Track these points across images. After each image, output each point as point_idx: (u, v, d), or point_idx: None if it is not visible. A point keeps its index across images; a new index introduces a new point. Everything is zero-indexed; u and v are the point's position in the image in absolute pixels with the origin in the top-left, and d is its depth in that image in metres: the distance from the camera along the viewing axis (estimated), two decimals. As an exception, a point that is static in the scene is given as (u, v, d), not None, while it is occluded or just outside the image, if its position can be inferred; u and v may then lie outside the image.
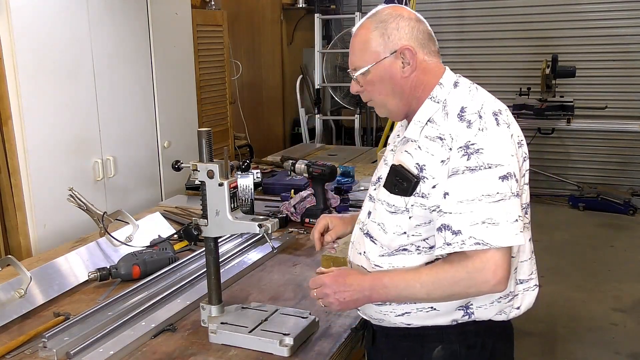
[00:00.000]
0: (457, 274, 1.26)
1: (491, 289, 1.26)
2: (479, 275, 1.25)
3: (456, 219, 1.25)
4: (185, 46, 3.65)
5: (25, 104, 2.57)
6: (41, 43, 2.63)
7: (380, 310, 1.41)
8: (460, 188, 1.25)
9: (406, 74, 1.37)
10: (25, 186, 2.61)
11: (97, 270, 1.91)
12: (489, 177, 1.24)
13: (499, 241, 1.23)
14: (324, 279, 1.40)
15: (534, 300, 1.43)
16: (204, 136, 1.52)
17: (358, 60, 1.41)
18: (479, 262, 1.24)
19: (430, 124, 1.34)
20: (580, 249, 4.90)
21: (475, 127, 1.27)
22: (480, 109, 1.30)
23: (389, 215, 1.36)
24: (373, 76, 1.39)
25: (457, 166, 1.26)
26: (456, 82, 1.39)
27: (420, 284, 1.30)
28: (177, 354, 1.50)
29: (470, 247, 1.23)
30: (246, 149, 4.87)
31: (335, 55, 6.21)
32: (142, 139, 3.29)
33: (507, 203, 1.24)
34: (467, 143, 1.26)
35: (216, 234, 1.57)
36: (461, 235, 1.24)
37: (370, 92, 1.42)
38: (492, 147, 1.26)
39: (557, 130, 5.78)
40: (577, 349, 3.39)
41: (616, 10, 5.97)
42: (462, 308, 1.35)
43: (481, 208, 1.24)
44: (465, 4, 6.42)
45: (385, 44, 1.37)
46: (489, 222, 1.23)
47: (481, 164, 1.24)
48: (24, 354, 1.51)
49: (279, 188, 2.92)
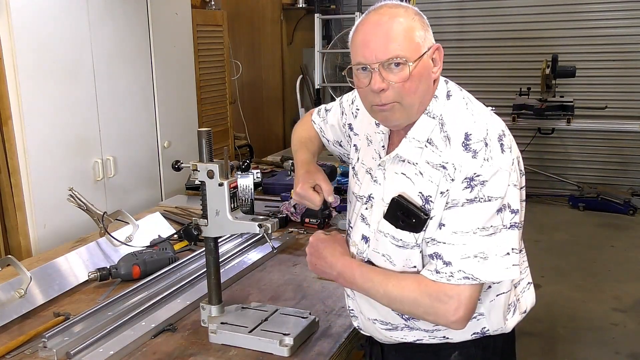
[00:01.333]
0: (419, 298, 1.23)
1: (448, 324, 1.23)
2: (441, 307, 1.21)
3: (448, 250, 1.20)
4: (185, 46, 3.64)
5: (25, 104, 2.57)
6: (41, 43, 2.63)
7: (390, 336, 1.38)
8: (456, 219, 1.20)
9: (436, 75, 1.26)
10: (25, 186, 2.61)
11: (97, 270, 1.91)
12: (485, 210, 1.18)
13: (487, 276, 1.20)
14: (313, 237, 1.43)
15: (534, 298, 1.44)
16: (204, 136, 1.51)
17: (402, 49, 1.19)
18: (444, 294, 1.20)
19: (430, 147, 1.25)
20: (580, 249, 4.90)
21: (481, 157, 1.19)
22: (485, 135, 1.22)
23: (395, 249, 1.29)
24: (417, 71, 1.20)
25: (457, 198, 1.20)
26: (448, 93, 1.30)
27: (384, 291, 1.27)
28: (177, 354, 1.50)
29: (458, 281, 1.19)
30: (246, 149, 4.87)
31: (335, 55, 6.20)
32: (142, 139, 3.29)
33: (498, 236, 1.20)
34: (473, 175, 1.19)
35: (216, 234, 1.56)
36: (451, 267, 1.20)
37: (406, 89, 1.21)
38: (495, 179, 1.19)
39: (557, 130, 5.79)
40: (577, 349, 3.39)
41: (616, 10, 5.97)
42: (477, 334, 1.33)
43: (473, 241, 1.19)
44: (465, 4, 6.42)
45: (425, 38, 1.22)
46: (480, 257, 1.19)
47: (481, 196, 1.18)
48: (24, 354, 1.51)
49: (279, 188, 2.92)
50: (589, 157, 6.34)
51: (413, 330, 1.35)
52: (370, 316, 1.40)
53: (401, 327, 1.36)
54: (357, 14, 5.82)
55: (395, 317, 1.35)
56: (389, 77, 1.21)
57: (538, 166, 6.14)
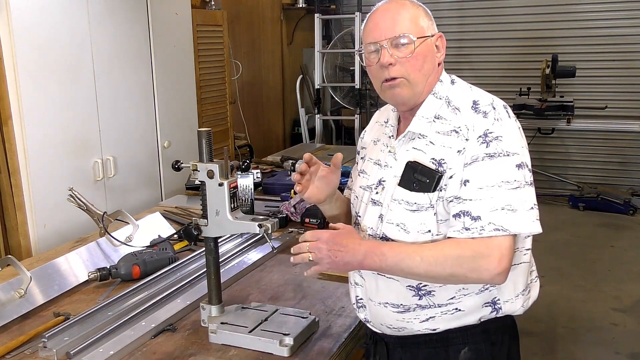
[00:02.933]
0: (463, 255, 1.24)
1: (492, 278, 1.25)
2: (484, 261, 1.23)
3: (476, 205, 1.25)
4: (185, 46, 3.64)
5: (25, 104, 2.57)
6: (41, 43, 2.63)
7: (403, 318, 1.38)
8: (480, 175, 1.26)
9: (440, 59, 1.39)
10: (25, 186, 2.61)
11: (97, 270, 1.91)
12: (506, 164, 1.26)
13: (517, 228, 1.24)
14: (323, 234, 1.33)
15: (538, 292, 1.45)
16: (204, 136, 1.51)
17: (407, 28, 1.34)
18: (486, 247, 1.23)
19: (439, 120, 1.35)
20: (580, 249, 4.90)
21: (491, 117, 1.30)
22: (492, 101, 1.34)
23: (410, 215, 1.33)
24: (421, 49, 1.34)
25: (476, 154, 1.26)
26: (453, 80, 1.42)
27: (421, 257, 1.26)
28: (177, 354, 1.50)
29: (490, 233, 1.23)
30: (246, 149, 4.87)
31: (335, 55, 6.21)
32: (142, 139, 3.29)
33: (522, 191, 1.26)
34: (486, 131, 1.27)
35: (216, 234, 1.56)
36: (480, 221, 1.23)
37: (411, 65, 1.34)
38: (509, 136, 1.28)
39: (557, 130, 5.79)
40: (577, 349, 3.39)
41: (616, 10, 5.97)
42: (489, 304, 1.35)
43: (500, 194, 1.24)
44: (465, 4, 6.42)
45: (429, 25, 1.37)
46: (508, 209, 1.23)
47: (500, 150, 1.26)
48: (24, 354, 1.51)
49: (279, 188, 2.92)
50: (589, 157, 6.34)
51: (425, 309, 1.35)
52: (381, 300, 1.40)
53: (413, 307, 1.36)
54: (357, 14, 5.84)
55: (407, 297, 1.36)
56: (396, 53, 1.34)
57: (538, 166, 6.13)
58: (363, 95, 5.98)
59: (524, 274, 1.38)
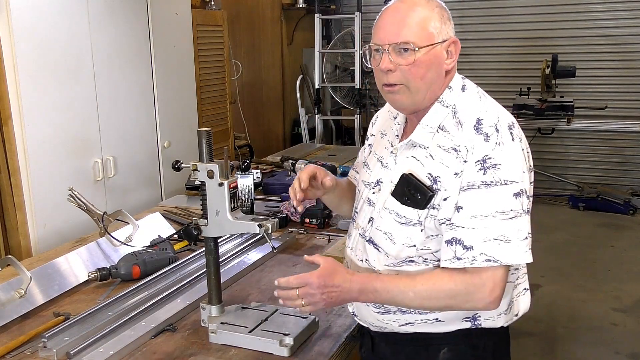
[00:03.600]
0: (455, 288, 1.24)
1: (486, 306, 1.26)
2: (477, 292, 1.24)
3: (468, 234, 1.23)
4: (185, 46, 3.64)
5: (25, 104, 2.57)
6: (41, 43, 2.63)
7: (383, 319, 1.39)
8: (474, 203, 1.23)
9: (449, 66, 1.32)
10: (25, 186, 2.61)
11: (97, 270, 1.91)
12: (503, 194, 1.22)
13: (509, 259, 1.22)
14: (310, 279, 1.29)
15: (529, 304, 1.43)
16: (204, 136, 1.51)
17: (412, 35, 1.27)
18: (478, 278, 1.23)
19: (442, 132, 1.30)
20: (580, 249, 4.90)
21: (493, 141, 1.25)
22: (496, 121, 1.28)
23: (398, 226, 1.32)
24: (424, 58, 1.28)
25: (472, 180, 1.23)
26: (464, 86, 1.36)
27: (413, 292, 1.27)
28: (177, 354, 1.50)
29: (482, 264, 1.22)
30: (246, 149, 4.87)
31: (335, 55, 6.22)
32: (142, 139, 3.29)
33: (518, 220, 1.23)
34: (485, 157, 1.23)
35: (216, 234, 1.56)
36: (472, 251, 1.22)
37: (411, 74, 1.29)
38: (508, 163, 1.24)
39: (557, 130, 5.79)
40: (577, 349, 3.39)
41: (616, 10, 5.97)
42: (469, 320, 1.34)
43: (494, 224, 1.22)
44: (465, 4, 6.42)
45: (441, 30, 1.30)
46: (501, 239, 1.22)
47: (497, 179, 1.22)
48: (24, 354, 1.51)
49: (279, 188, 2.92)
50: (589, 157, 6.34)
51: (405, 314, 1.36)
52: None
53: (393, 310, 1.37)
54: (357, 14, 5.84)
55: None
56: (397, 60, 1.29)
57: (538, 166, 6.12)
58: (363, 95, 5.98)
59: (507, 293, 1.34)
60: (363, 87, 5.93)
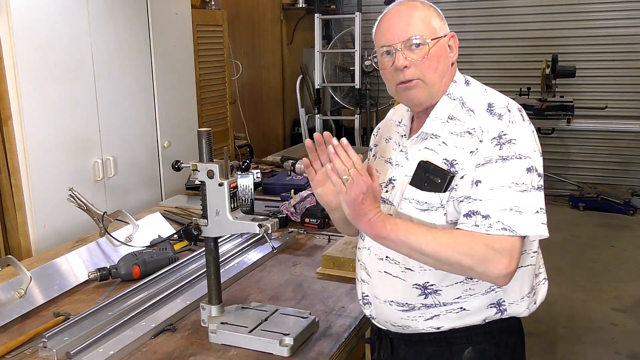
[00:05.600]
0: (475, 247, 1.23)
1: (497, 277, 1.24)
2: (494, 259, 1.22)
3: (485, 205, 1.25)
4: (185, 46, 3.64)
5: (25, 104, 2.57)
6: (41, 43, 2.63)
7: (407, 317, 1.37)
8: (492, 176, 1.26)
9: (453, 59, 1.40)
10: (25, 186, 2.61)
11: (97, 270, 1.91)
12: (517, 167, 1.26)
13: (523, 229, 1.23)
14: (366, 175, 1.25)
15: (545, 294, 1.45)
16: (204, 136, 1.51)
17: (421, 30, 1.33)
18: (499, 244, 1.23)
19: (452, 121, 1.35)
20: (580, 249, 4.90)
21: (506, 119, 1.30)
22: (507, 104, 1.34)
23: (420, 214, 1.33)
24: (435, 50, 1.34)
25: (489, 155, 1.27)
26: (467, 81, 1.42)
27: (433, 236, 1.25)
28: (177, 354, 1.50)
29: (497, 232, 1.23)
30: (246, 149, 4.87)
31: (335, 55, 6.22)
32: (142, 139, 3.29)
33: (529, 194, 1.25)
34: (500, 133, 1.28)
35: (216, 234, 1.56)
36: (489, 219, 1.24)
37: (427, 67, 1.34)
38: (522, 139, 1.29)
39: (557, 130, 5.78)
40: (577, 349, 3.39)
41: (616, 10, 5.97)
42: (494, 305, 1.35)
43: (509, 195, 1.24)
44: (465, 4, 6.42)
45: (441, 25, 1.37)
46: (515, 210, 1.24)
47: (513, 153, 1.26)
48: (24, 354, 1.51)
49: (279, 188, 2.92)
50: (589, 157, 6.34)
51: (430, 308, 1.35)
52: (386, 298, 1.40)
53: (418, 306, 1.36)
54: (357, 14, 5.84)
55: (413, 296, 1.36)
56: (410, 55, 1.33)
57: (538, 166, 6.14)
58: (363, 95, 5.97)
59: (529, 276, 1.38)
60: (363, 87, 5.92)
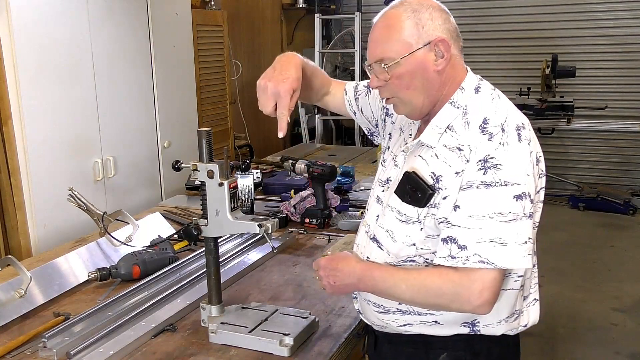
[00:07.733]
0: (443, 286, 1.23)
1: (473, 309, 1.23)
2: (463, 293, 1.21)
3: (463, 234, 1.21)
4: (185, 46, 3.64)
5: (25, 104, 2.57)
6: (41, 43, 2.63)
7: (382, 319, 1.40)
8: (472, 202, 1.21)
9: (440, 67, 1.30)
10: (25, 186, 2.61)
11: (97, 270, 1.91)
12: (503, 195, 1.20)
13: (504, 262, 1.19)
14: (320, 261, 1.43)
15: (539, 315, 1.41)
16: (204, 136, 1.51)
17: (386, 50, 1.29)
18: (467, 279, 1.21)
19: (449, 132, 1.29)
20: (580, 249, 4.90)
21: (497, 140, 1.23)
22: (504, 121, 1.26)
23: (399, 224, 1.32)
24: (404, 69, 1.28)
25: (472, 180, 1.21)
26: (477, 87, 1.34)
27: (406, 285, 1.28)
28: (177, 354, 1.50)
29: (474, 265, 1.20)
30: (246, 149, 4.87)
31: (335, 55, 6.22)
32: (142, 139, 3.29)
33: (518, 224, 1.20)
34: (486, 157, 1.21)
35: (216, 234, 1.56)
36: (466, 251, 1.20)
37: (396, 86, 1.31)
38: (511, 164, 1.21)
39: (557, 130, 5.78)
40: (577, 349, 3.39)
41: (616, 10, 5.97)
42: (467, 325, 1.33)
43: (490, 226, 1.19)
44: (465, 4, 6.42)
45: (419, 35, 1.27)
46: (497, 242, 1.19)
47: (497, 180, 1.20)
48: (24, 354, 1.51)
49: (279, 188, 2.92)
50: (589, 157, 6.34)
51: (404, 314, 1.36)
52: (365, 297, 1.44)
53: (393, 310, 1.37)
54: (357, 14, 5.84)
55: (388, 299, 1.36)
56: (381, 75, 1.33)
57: (538, 166, 6.14)
58: (363, 95, 5.96)
59: (509, 300, 1.32)
60: (363, 87, 5.92)
